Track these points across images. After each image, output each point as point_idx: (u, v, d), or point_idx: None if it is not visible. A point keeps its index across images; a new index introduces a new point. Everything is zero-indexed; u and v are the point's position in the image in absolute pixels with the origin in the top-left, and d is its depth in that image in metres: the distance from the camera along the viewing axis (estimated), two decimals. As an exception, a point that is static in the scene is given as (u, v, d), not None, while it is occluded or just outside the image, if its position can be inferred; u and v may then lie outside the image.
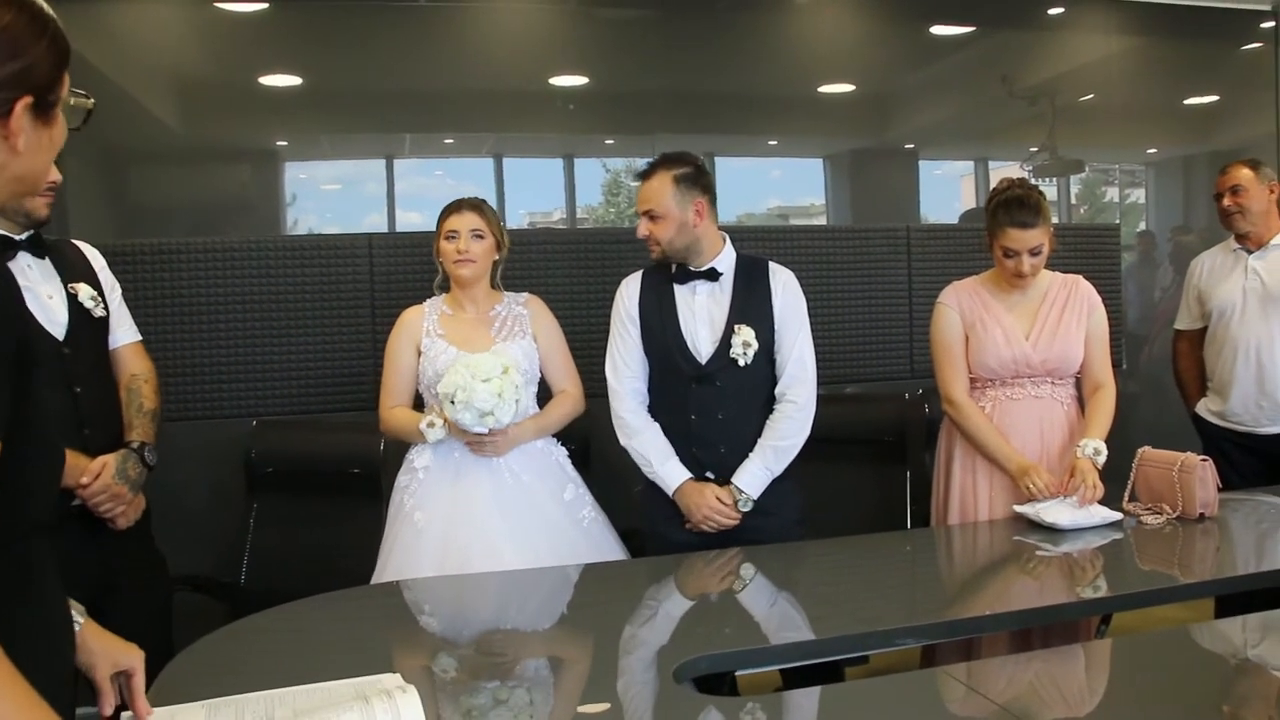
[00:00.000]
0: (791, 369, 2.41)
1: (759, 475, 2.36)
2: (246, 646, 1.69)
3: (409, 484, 2.36)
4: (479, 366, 2.20)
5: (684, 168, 2.39)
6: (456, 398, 2.18)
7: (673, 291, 2.43)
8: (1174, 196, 4.53)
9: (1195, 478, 2.32)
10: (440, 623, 1.95)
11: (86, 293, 2.07)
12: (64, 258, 2.11)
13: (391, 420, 2.43)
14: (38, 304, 1.99)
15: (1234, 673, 1.61)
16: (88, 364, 2.05)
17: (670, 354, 2.40)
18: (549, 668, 1.68)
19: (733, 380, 2.37)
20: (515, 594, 2.04)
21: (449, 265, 2.41)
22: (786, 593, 2.03)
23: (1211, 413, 3.21)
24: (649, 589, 2.08)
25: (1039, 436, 2.49)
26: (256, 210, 3.42)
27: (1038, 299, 2.54)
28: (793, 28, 3.83)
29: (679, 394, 2.40)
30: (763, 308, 2.40)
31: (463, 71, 3.53)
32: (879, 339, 3.67)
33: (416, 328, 2.43)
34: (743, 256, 2.47)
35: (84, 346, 2.05)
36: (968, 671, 1.66)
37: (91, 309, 2.07)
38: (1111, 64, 4.22)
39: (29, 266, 2.02)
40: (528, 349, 2.42)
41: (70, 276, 2.08)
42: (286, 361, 3.16)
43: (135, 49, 3.23)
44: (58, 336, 2.00)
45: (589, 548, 2.29)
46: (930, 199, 4.12)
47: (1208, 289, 3.22)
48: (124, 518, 2.04)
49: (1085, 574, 2.12)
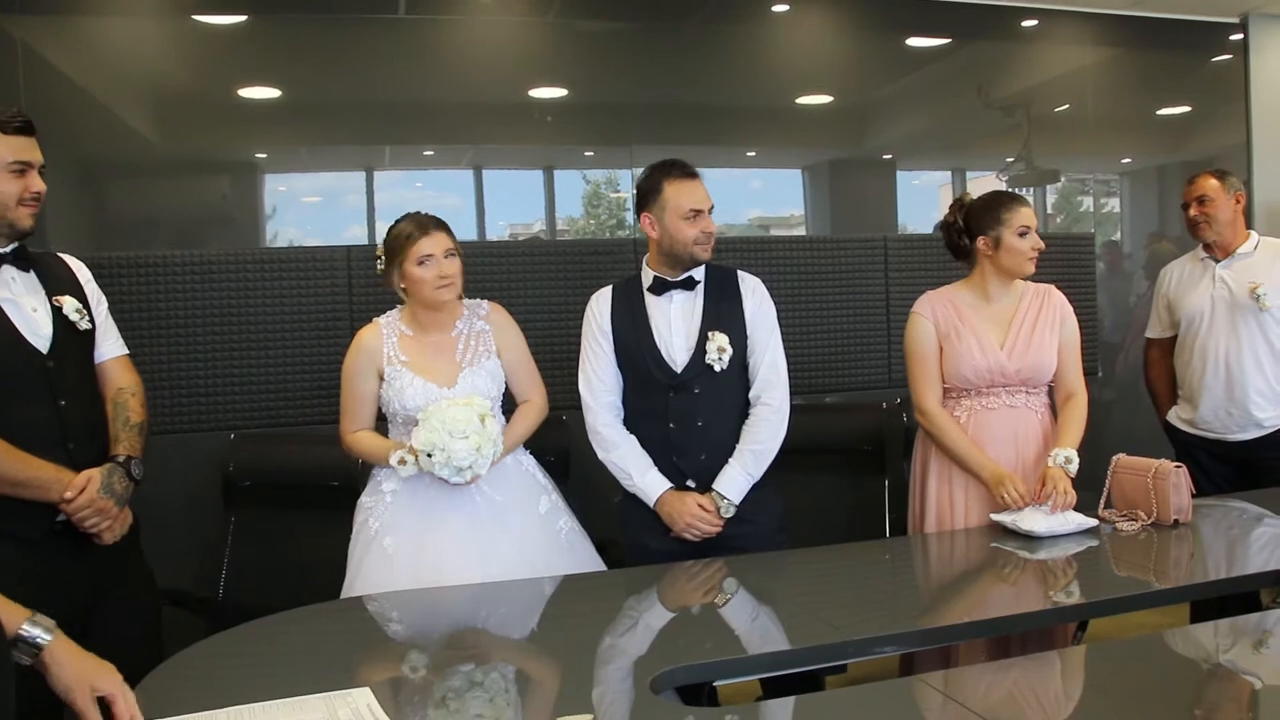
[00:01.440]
0: (765, 373, 2.43)
1: (739, 480, 2.37)
2: (219, 662, 1.68)
3: (375, 505, 2.31)
4: (454, 422, 2.13)
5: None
6: (435, 456, 2.13)
7: (644, 303, 2.44)
8: (1148, 206, 4.58)
9: (1169, 484, 2.34)
10: (414, 636, 1.94)
11: (71, 305, 2.05)
12: (49, 271, 2.09)
13: (357, 445, 2.37)
14: (21, 317, 1.98)
15: (1208, 677, 1.63)
16: (73, 378, 2.03)
17: (645, 365, 2.40)
18: (525, 679, 1.68)
19: (709, 387, 2.38)
20: (490, 606, 2.03)
21: (428, 291, 2.28)
22: (765, 602, 2.03)
23: (1183, 420, 3.25)
24: (626, 600, 2.08)
25: (1014, 445, 2.51)
26: (236, 223, 3.40)
27: (1011, 308, 2.56)
28: (770, 39, 3.86)
29: (656, 404, 2.40)
30: (735, 314, 2.43)
31: (442, 84, 3.54)
32: (857, 349, 3.69)
33: (377, 353, 2.33)
34: (711, 266, 2.48)
35: (69, 360, 2.03)
36: (945, 680, 1.67)
37: (77, 322, 2.05)
38: (1085, 75, 4.27)
39: (13, 279, 2.00)
40: (494, 370, 2.37)
41: (55, 289, 2.06)
42: (264, 374, 3.15)
43: (113, 62, 3.22)
44: (42, 350, 1.98)
45: (565, 560, 2.27)
46: (909, 209, 4.15)
47: (1177, 298, 3.25)
48: (110, 533, 2.02)
49: (1062, 581, 2.14)
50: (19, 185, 1.97)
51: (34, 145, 2.00)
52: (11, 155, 1.95)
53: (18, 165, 1.96)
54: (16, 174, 1.97)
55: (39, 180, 2.00)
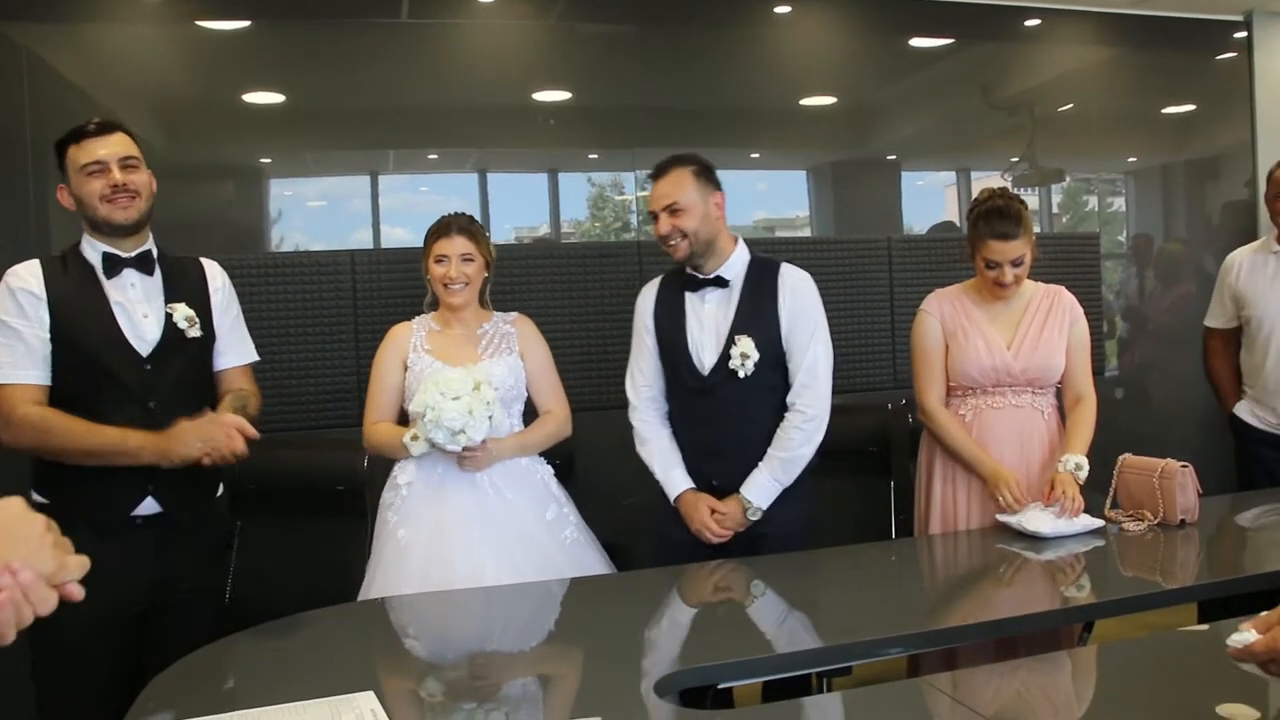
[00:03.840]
0: (802, 378, 2.36)
1: (767, 487, 2.33)
2: (225, 666, 1.69)
3: (393, 501, 2.34)
4: (449, 384, 2.18)
5: (697, 164, 2.36)
6: (427, 416, 2.16)
7: (683, 300, 2.40)
8: (1154, 205, 4.56)
9: (1176, 484, 2.34)
10: (422, 640, 1.94)
11: (183, 313, 2.11)
12: (178, 275, 2.16)
13: (375, 435, 2.41)
14: (129, 321, 2.05)
15: (1218, 678, 1.61)
16: (169, 381, 2.08)
17: (678, 365, 2.39)
18: (531, 682, 1.68)
19: (733, 392, 2.33)
20: (499, 610, 2.04)
21: (439, 289, 2.40)
22: (770, 605, 2.03)
23: (1256, 416, 3.13)
24: (633, 603, 2.07)
25: (1019, 445, 2.50)
26: (241, 228, 3.41)
27: (1020, 309, 2.55)
28: (773, 41, 3.86)
29: (687, 405, 2.40)
30: (768, 315, 2.35)
31: (446, 87, 3.54)
32: (862, 350, 3.68)
33: (404, 343, 2.41)
34: (755, 259, 2.42)
35: (169, 365, 2.09)
36: (952, 681, 1.67)
37: (186, 329, 2.11)
38: (1089, 74, 4.26)
39: (132, 285, 2.09)
40: (514, 365, 2.41)
41: (175, 296, 2.13)
42: (270, 379, 3.14)
43: (119, 68, 3.23)
44: (142, 353, 2.05)
45: (571, 566, 2.27)
46: (913, 210, 4.14)
47: (1245, 291, 3.12)
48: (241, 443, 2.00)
49: (1068, 581, 2.13)
50: (99, 184, 2.04)
51: (108, 141, 2.05)
52: (84, 159, 2.04)
53: (93, 166, 2.04)
54: (94, 175, 2.04)
55: (117, 172, 2.05)
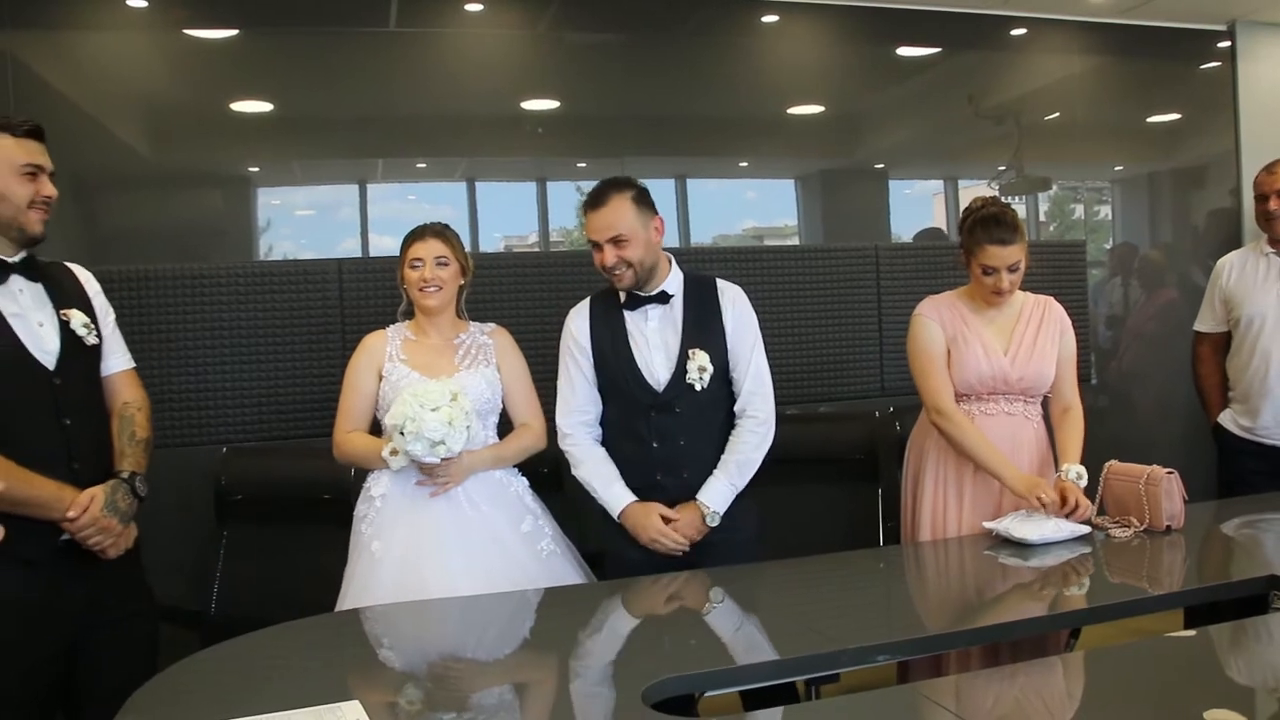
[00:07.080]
0: (749, 384, 2.38)
1: (723, 491, 2.34)
2: (210, 677, 1.67)
3: (367, 513, 2.32)
4: (427, 395, 2.16)
5: (635, 189, 2.34)
6: (406, 429, 2.14)
7: (623, 319, 2.39)
8: (1139, 212, 4.59)
9: (1161, 490, 2.34)
10: (401, 650, 1.92)
11: (79, 320, 2.01)
12: (57, 282, 2.05)
13: (348, 445, 2.38)
14: (28, 332, 1.94)
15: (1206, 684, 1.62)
16: (79, 394, 2.00)
17: (626, 384, 2.36)
18: (514, 692, 1.67)
19: (691, 405, 2.34)
20: (476, 620, 2.02)
21: (414, 293, 2.39)
22: (756, 612, 2.02)
23: (1240, 426, 3.10)
24: (612, 613, 2.06)
25: (1010, 453, 2.50)
26: (229, 236, 3.40)
27: (1013, 316, 2.56)
28: (761, 50, 3.88)
29: (638, 423, 2.36)
30: (714, 328, 2.37)
31: (434, 96, 3.55)
32: (850, 358, 3.69)
33: (379, 352, 2.40)
34: (690, 276, 2.43)
35: (75, 377, 1.99)
36: (940, 688, 1.67)
37: (84, 337, 2.02)
38: (1075, 83, 4.30)
39: (20, 291, 1.97)
40: (490, 377, 2.40)
41: (63, 302, 2.02)
42: (256, 388, 3.14)
43: (105, 76, 3.22)
44: (48, 366, 1.95)
45: (547, 578, 2.25)
46: (900, 218, 4.16)
47: (1235, 292, 3.09)
48: (114, 549, 1.99)
49: (1055, 588, 2.13)
50: (30, 188, 1.95)
51: (44, 150, 1.99)
52: (24, 158, 1.94)
53: (30, 168, 1.95)
54: (28, 177, 1.95)
55: (50, 185, 1.99)
